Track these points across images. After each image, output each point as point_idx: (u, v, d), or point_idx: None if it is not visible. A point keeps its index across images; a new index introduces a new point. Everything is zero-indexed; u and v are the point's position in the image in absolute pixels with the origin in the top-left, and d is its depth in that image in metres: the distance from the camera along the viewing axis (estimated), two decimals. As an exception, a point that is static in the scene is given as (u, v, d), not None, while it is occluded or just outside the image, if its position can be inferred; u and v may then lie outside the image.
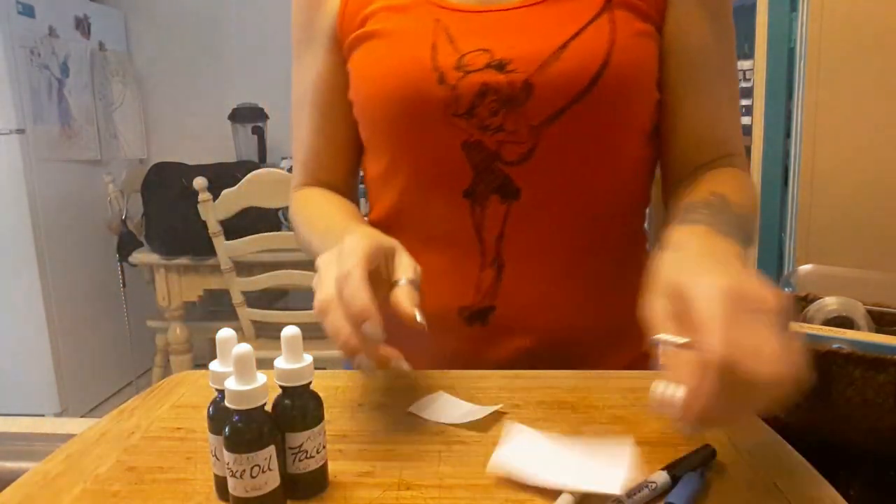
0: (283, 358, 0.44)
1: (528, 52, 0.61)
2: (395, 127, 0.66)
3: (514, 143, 0.63)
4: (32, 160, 2.38)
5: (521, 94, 0.61)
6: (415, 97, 0.62)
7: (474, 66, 0.62)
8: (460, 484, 0.45)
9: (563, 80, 0.60)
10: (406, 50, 0.64)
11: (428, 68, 0.62)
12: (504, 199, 0.64)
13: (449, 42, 0.63)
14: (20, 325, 2.42)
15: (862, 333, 0.74)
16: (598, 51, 0.60)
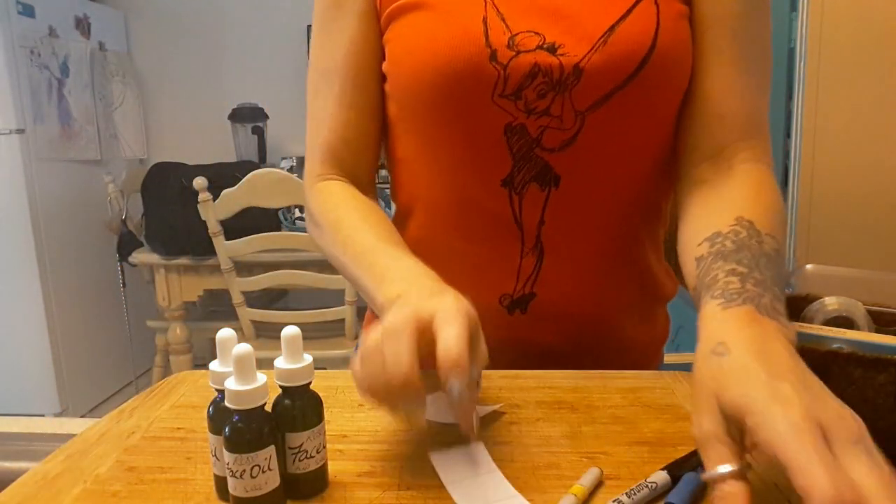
0: (283, 358, 0.44)
1: (578, 35, 0.60)
2: (438, 103, 0.63)
3: (556, 129, 0.62)
4: (32, 160, 2.38)
5: (571, 78, 0.61)
6: (465, 72, 0.61)
7: (526, 46, 0.61)
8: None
9: (611, 64, 0.60)
10: (457, 23, 0.62)
11: (481, 44, 0.61)
12: (543, 187, 0.64)
13: (500, 20, 0.62)
14: (20, 325, 2.42)
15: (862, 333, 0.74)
16: (645, 35, 0.60)
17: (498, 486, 0.45)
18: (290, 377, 0.43)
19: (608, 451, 0.49)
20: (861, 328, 0.77)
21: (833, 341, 0.71)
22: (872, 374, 0.67)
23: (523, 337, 0.68)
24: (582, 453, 0.49)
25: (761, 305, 0.46)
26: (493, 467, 0.47)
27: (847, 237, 1.66)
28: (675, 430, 0.52)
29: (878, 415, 0.69)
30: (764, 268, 0.50)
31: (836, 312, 0.78)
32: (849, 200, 1.66)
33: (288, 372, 0.43)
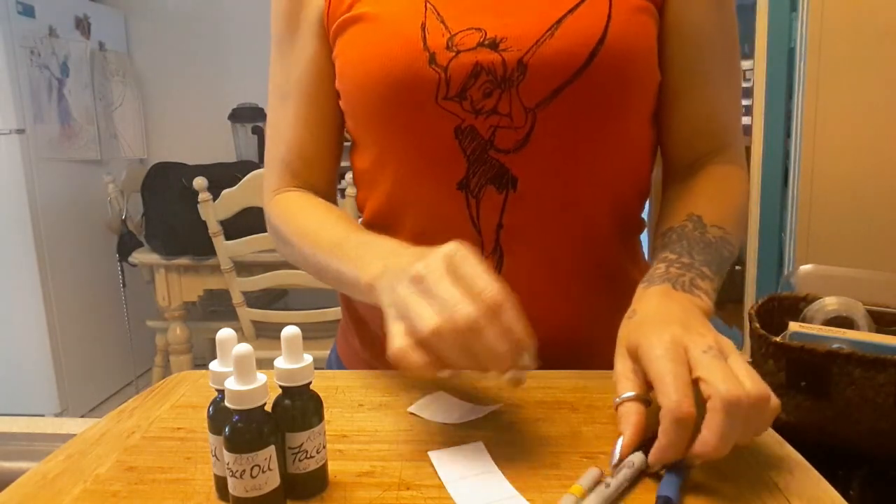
0: (283, 358, 0.44)
1: (522, 29, 0.59)
2: (385, 112, 0.63)
3: (508, 129, 0.61)
4: (32, 160, 2.38)
5: (515, 74, 0.59)
6: (405, 79, 0.60)
7: (466, 45, 0.59)
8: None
9: (558, 57, 0.58)
10: (395, 31, 0.61)
11: (418, 49, 0.60)
12: (500, 189, 0.63)
13: (439, 22, 0.60)
14: (20, 325, 2.42)
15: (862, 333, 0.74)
16: (593, 27, 0.59)
17: (498, 486, 0.45)
18: (290, 377, 0.43)
19: (608, 451, 0.49)
20: (861, 328, 0.77)
21: (833, 341, 0.71)
22: (872, 374, 0.67)
23: None
24: (582, 453, 0.49)
25: (677, 283, 0.55)
26: (494, 467, 0.47)
27: (847, 237, 1.66)
28: (675, 430, 0.52)
29: (878, 415, 0.69)
30: (696, 253, 0.58)
31: (836, 312, 0.78)
32: (848, 200, 1.66)
33: (288, 372, 0.43)
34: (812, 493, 0.43)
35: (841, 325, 0.76)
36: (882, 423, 0.69)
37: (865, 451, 0.72)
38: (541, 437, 0.51)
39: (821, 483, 0.44)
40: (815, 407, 0.71)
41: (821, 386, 0.70)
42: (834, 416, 0.71)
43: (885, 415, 0.68)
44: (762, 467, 0.46)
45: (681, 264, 0.57)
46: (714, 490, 0.44)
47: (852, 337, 0.72)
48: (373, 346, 0.74)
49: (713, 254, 0.59)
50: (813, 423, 0.72)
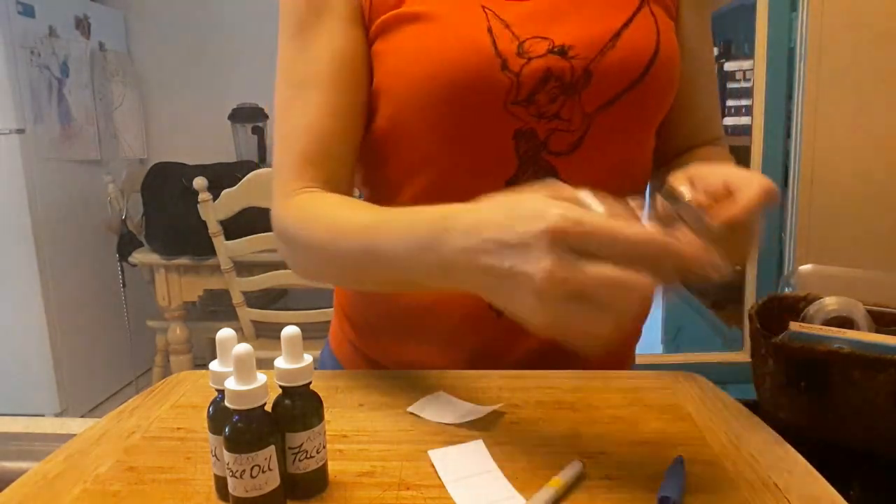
0: (283, 358, 0.44)
1: (587, 38, 0.61)
2: (445, 114, 0.61)
3: (564, 132, 0.63)
4: (32, 160, 2.38)
5: (581, 81, 0.61)
6: (477, 84, 0.60)
7: (536, 52, 0.61)
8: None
9: (620, 67, 0.61)
10: (461, 34, 0.61)
11: (491, 54, 0.60)
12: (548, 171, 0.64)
13: (505, 27, 0.61)
14: (20, 325, 2.42)
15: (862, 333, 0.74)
16: (648, 40, 0.62)
17: (498, 486, 0.45)
18: (290, 377, 0.43)
19: (608, 451, 0.49)
20: (861, 328, 0.77)
21: (833, 341, 0.71)
22: (872, 374, 0.67)
23: (513, 342, 0.67)
24: (582, 453, 0.49)
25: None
26: (494, 467, 0.47)
27: (847, 237, 1.66)
28: (675, 430, 0.52)
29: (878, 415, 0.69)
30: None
31: (836, 312, 0.78)
32: (849, 201, 1.66)
33: (288, 372, 0.43)
34: (812, 493, 0.43)
35: (841, 325, 0.76)
36: (882, 423, 0.69)
37: (865, 451, 0.72)
38: (541, 437, 0.52)
39: (821, 483, 0.44)
40: (815, 407, 0.71)
41: (821, 386, 0.70)
42: (834, 416, 0.71)
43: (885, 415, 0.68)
44: (762, 467, 0.46)
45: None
46: (714, 490, 0.44)
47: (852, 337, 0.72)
48: (371, 335, 0.74)
49: None
50: (813, 423, 0.72)
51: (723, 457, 0.48)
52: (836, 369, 0.68)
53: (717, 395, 0.59)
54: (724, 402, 0.58)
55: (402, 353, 0.72)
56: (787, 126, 1.73)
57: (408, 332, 0.71)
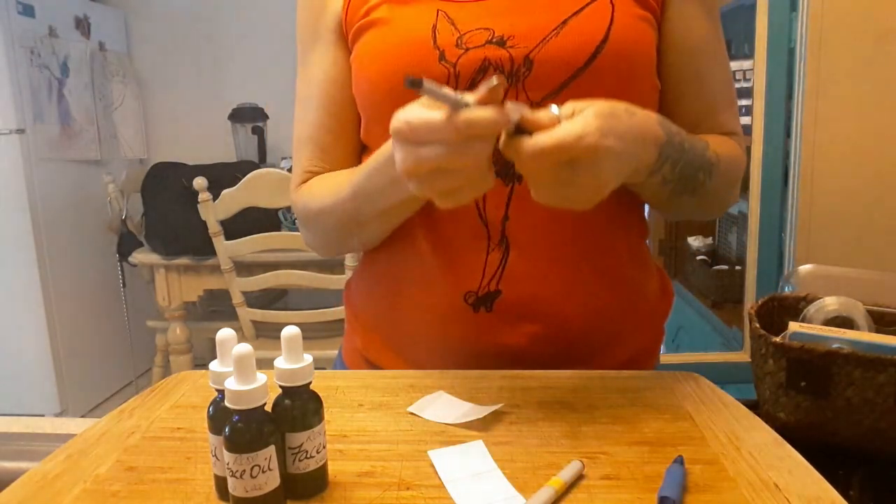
0: (283, 358, 0.44)
1: (529, 28, 0.62)
2: (395, 108, 0.63)
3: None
4: (32, 160, 2.38)
5: (522, 69, 0.62)
6: (414, 75, 0.62)
7: (474, 42, 0.62)
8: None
9: (562, 54, 0.61)
10: (407, 34, 0.64)
11: (428, 47, 0.63)
12: (507, 182, 0.65)
13: (450, 24, 0.63)
14: (20, 325, 2.42)
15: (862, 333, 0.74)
16: (597, 28, 0.62)
17: (498, 486, 0.45)
18: (290, 377, 0.43)
19: (608, 451, 0.49)
20: (861, 328, 0.77)
21: (833, 341, 0.71)
22: (872, 374, 0.67)
23: (490, 338, 0.67)
24: (582, 453, 0.49)
25: (664, 123, 0.59)
26: (494, 467, 0.47)
27: (847, 237, 1.66)
28: (675, 430, 0.52)
29: (878, 415, 0.69)
30: (688, 137, 0.62)
31: (836, 312, 0.78)
32: (849, 200, 1.66)
33: (288, 372, 0.43)
34: (812, 493, 0.43)
35: (841, 325, 0.76)
36: (882, 423, 0.69)
37: (865, 451, 0.72)
38: (541, 437, 0.52)
39: (821, 483, 0.44)
40: (815, 407, 0.71)
41: (821, 386, 0.70)
42: (834, 416, 0.71)
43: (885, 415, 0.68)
44: (762, 467, 0.46)
45: (676, 129, 0.61)
46: (714, 490, 0.44)
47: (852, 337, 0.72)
48: (372, 345, 0.75)
49: (699, 150, 0.63)
50: (813, 423, 0.72)
51: (723, 457, 0.48)
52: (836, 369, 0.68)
53: (717, 395, 0.59)
54: (724, 402, 0.58)
55: (399, 351, 0.72)
56: (787, 126, 1.72)
57: (402, 329, 0.72)
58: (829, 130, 1.64)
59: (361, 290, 0.78)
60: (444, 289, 0.67)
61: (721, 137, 0.71)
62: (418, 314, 0.70)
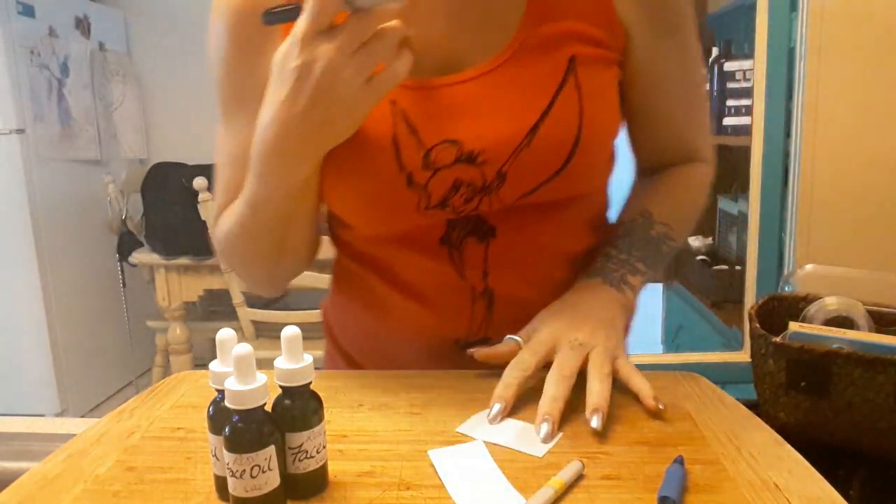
0: (283, 358, 0.44)
1: (497, 139, 0.58)
2: (366, 219, 0.64)
3: (488, 214, 0.63)
4: (32, 160, 2.38)
5: (495, 183, 0.59)
6: (383, 199, 0.60)
7: (443, 161, 0.59)
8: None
9: (536, 164, 0.59)
10: (369, 145, 0.59)
11: (393, 170, 0.59)
12: (481, 240, 0.63)
13: (410, 133, 0.59)
14: (20, 325, 2.42)
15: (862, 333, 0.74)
16: (568, 130, 0.59)
17: (498, 486, 0.45)
18: (290, 377, 0.43)
19: (608, 451, 0.49)
20: (861, 328, 0.77)
21: (833, 341, 0.71)
22: (872, 374, 0.67)
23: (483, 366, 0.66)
24: (582, 453, 0.49)
25: (609, 278, 0.63)
26: (494, 467, 0.47)
27: (847, 237, 1.66)
28: (674, 430, 0.52)
29: (878, 415, 0.69)
30: (636, 249, 0.66)
31: (836, 312, 0.78)
32: (849, 200, 1.66)
33: (288, 372, 0.43)
34: (812, 493, 0.43)
35: (841, 325, 0.76)
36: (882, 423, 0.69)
37: (865, 451, 0.72)
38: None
39: (821, 483, 0.44)
40: (815, 407, 0.71)
41: (821, 386, 0.70)
42: (834, 416, 0.71)
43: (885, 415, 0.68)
44: (762, 467, 0.46)
45: (618, 261, 0.65)
46: (714, 490, 0.44)
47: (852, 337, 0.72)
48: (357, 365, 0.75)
49: (652, 250, 0.67)
50: (813, 423, 0.72)
51: (723, 457, 0.48)
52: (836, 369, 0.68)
53: (717, 395, 0.59)
54: (724, 402, 0.57)
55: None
56: (787, 126, 1.72)
57: (389, 359, 0.71)
58: (829, 130, 1.64)
59: (342, 322, 0.77)
60: (435, 335, 0.66)
61: (677, 175, 0.72)
62: (407, 349, 0.69)
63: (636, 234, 0.67)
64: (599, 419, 0.51)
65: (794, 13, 1.66)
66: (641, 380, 0.56)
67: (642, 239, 0.67)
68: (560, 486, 0.43)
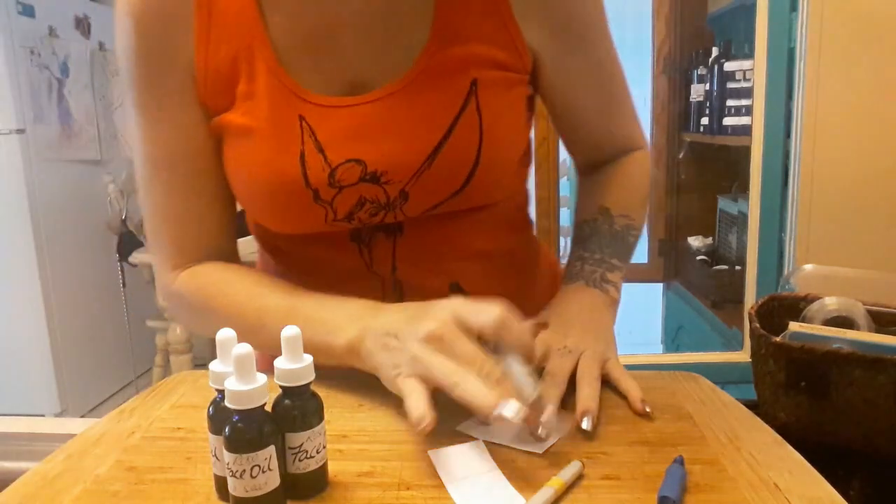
0: (283, 358, 0.44)
1: (400, 161, 0.60)
2: (274, 224, 0.65)
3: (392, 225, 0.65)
4: (32, 160, 2.38)
5: (398, 200, 0.62)
6: (292, 213, 0.62)
7: (348, 180, 0.60)
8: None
9: (437, 184, 0.61)
10: (277, 162, 0.60)
11: (301, 187, 0.60)
12: (388, 235, 0.65)
13: (317, 151, 0.60)
14: (20, 325, 2.42)
15: (862, 333, 0.74)
16: (468, 152, 0.60)
17: (498, 486, 0.45)
18: (290, 377, 0.43)
19: (608, 451, 0.49)
20: (861, 328, 0.77)
21: (833, 341, 0.71)
22: (872, 374, 0.67)
23: None
24: (582, 453, 0.49)
25: (590, 280, 0.66)
26: (493, 466, 0.47)
27: (847, 237, 1.66)
28: (674, 430, 0.52)
29: (878, 415, 0.69)
30: (606, 246, 0.69)
31: (836, 312, 0.78)
32: (849, 200, 1.66)
33: (288, 372, 0.43)
34: (812, 493, 0.43)
35: (841, 325, 0.76)
36: (882, 423, 0.69)
37: (865, 451, 0.72)
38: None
39: (821, 483, 0.44)
40: (815, 407, 0.71)
41: (821, 386, 0.70)
42: (834, 416, 0.71)
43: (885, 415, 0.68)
44: (762, 467, 0.46)
45: (593, 261, 0.68)
46: (714, 490, 0.44)
47: (852, 337, 0.72)
48: None
49: (620, 244, 0.70)
50: (813, 423, 0.72)
51: (723, 457, 0.48)
52: (836, 369, 0.69)
53: (717, 395, 0.59)
54: (724, 402, 0.58)
55: None
56: (787, 126, 1.72)
57: None
58: (829, 130, 1.64)
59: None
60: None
61: (619, 167, 0.74)
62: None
63: (601, 231, 0.70)
64: (590, 421, 0.52)
65: (794, 13, 1.66)
66: (630, 382, 0.57)
67: (609, 235, 0.70)
68: (560, 487, 0.43)
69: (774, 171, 1.77)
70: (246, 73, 0.60)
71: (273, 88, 0.60)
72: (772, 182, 1.78)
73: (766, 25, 1.71)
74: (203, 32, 0.60)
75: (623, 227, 0.71)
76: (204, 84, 0.61)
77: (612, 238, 0.70)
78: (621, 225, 0.71)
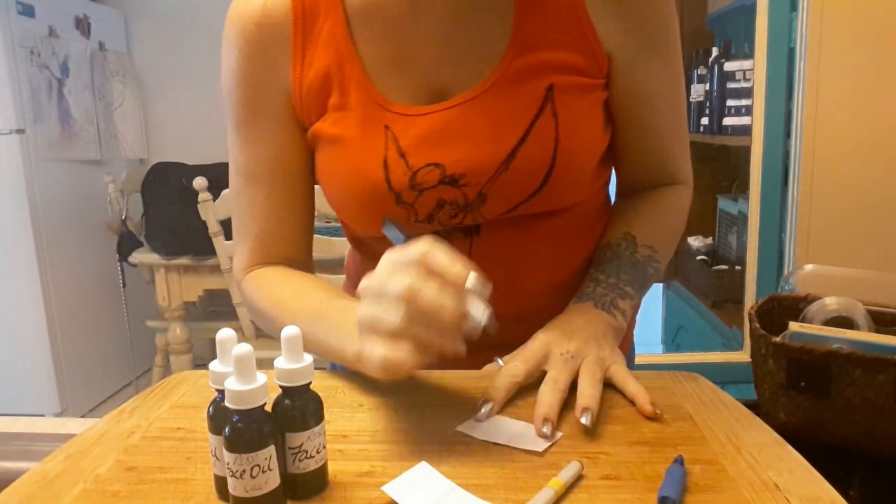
0: (283, 358, 0.44)
1: (478, 164, 0.63)
2: (360, 226, 0.69)
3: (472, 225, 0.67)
4: (32, 160, 2.38)
5: (476, 202, 0.64)
6: (377, 213, 0.64)
7: (428, 183, 0.64)
8: (460, 483, 0.45)
9: (514, 186, 0.63)
10: (362, 168, 0.65)
11: (384, 189, 0.64)
12: (466, 235, 0.67)
13: (399, 156, 0.64)
14: (20, 324, 2.42)
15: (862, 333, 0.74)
16: (544, 155, 0.62)
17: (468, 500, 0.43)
18: (290, 377, 0.43)
19: (608, 451, 0.49)
20: (861, 328, 0.77)
21: (833, 341, 0.71)
22: (872, 374, 0.67)
23: (466, 366, 0.66)
24: (582, 453, 0.49)
25: (600, 302, 0.65)
26: (452, 484, 0.45)
27: (847, 237, 1.66)
28: (674, 430, 0.52)
29: (878, 415, 0.69)
30: (623, 273, 0.67)
31: (836, 312, 0.78)
32: (849, 200, 1.66)
33: (288, 372, 0.43)
34: (812, 493, 0.43)
35: (841, 325, 0.76)
36: (882, 423, 0.69)
37: (865, 451, 0.72)
38: (541, 437, 0.51)
39: (821, 483, 0.44)
40: (815, 407, 0.71)
41: (821, 386, 0.70)
42: (834, 416, 0.71)
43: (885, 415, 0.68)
44: (762, 467, 0.46)
45: (607, 284, 0.67)
46: (714, 490, 0.44)
47: (852, 337, 0.72)
48: None
49: (639, 273, 0.69)
50: (813, 423, 0.72)
51: (723, 457, 0.48)
52: (836, 369, 0.69)
53: (717, 395, 0.59)
54: (724, 402, 0.58)
55: None
56: (787, 126, 1.73)
57: None
58: (829, 130, 1.64)
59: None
60: None
61: (658, 197, 0.74)
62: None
63: (622, 257, 0.69)
64: (589, 417, 0.52)
65: (794, 13, 1.66)
66: (637, 386, 0.57)
67: (629, 262, 0.69)
68: (560, 487, 0.43)
69: (774, 171, 1.77)
70: (338, 87, 0.65)
71: (363, 101, 0.65)
72: (772, 182, 1.78)
73: (766, 25, 1.71)
74: (298, 53, 0.66)
75: (645, 258, 0.70)
76: (299, 99, 0.67)
77: (631, 265, 0.69)
78: (644, 255, 0.70)
